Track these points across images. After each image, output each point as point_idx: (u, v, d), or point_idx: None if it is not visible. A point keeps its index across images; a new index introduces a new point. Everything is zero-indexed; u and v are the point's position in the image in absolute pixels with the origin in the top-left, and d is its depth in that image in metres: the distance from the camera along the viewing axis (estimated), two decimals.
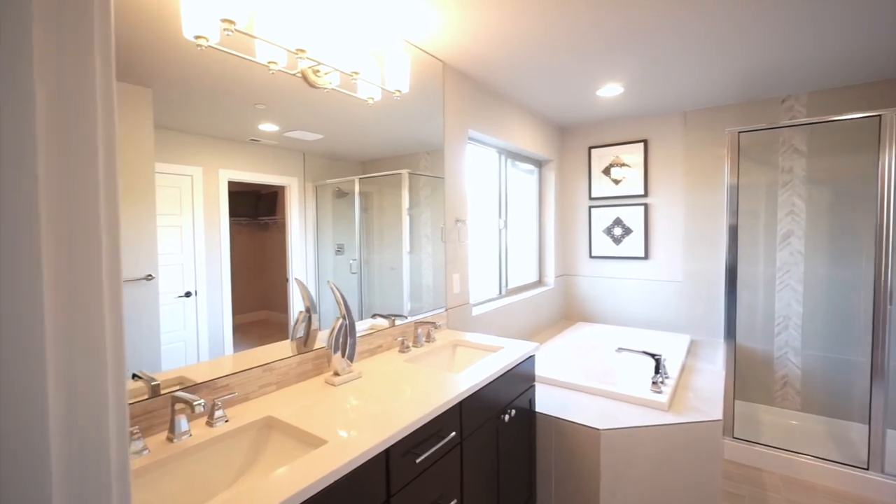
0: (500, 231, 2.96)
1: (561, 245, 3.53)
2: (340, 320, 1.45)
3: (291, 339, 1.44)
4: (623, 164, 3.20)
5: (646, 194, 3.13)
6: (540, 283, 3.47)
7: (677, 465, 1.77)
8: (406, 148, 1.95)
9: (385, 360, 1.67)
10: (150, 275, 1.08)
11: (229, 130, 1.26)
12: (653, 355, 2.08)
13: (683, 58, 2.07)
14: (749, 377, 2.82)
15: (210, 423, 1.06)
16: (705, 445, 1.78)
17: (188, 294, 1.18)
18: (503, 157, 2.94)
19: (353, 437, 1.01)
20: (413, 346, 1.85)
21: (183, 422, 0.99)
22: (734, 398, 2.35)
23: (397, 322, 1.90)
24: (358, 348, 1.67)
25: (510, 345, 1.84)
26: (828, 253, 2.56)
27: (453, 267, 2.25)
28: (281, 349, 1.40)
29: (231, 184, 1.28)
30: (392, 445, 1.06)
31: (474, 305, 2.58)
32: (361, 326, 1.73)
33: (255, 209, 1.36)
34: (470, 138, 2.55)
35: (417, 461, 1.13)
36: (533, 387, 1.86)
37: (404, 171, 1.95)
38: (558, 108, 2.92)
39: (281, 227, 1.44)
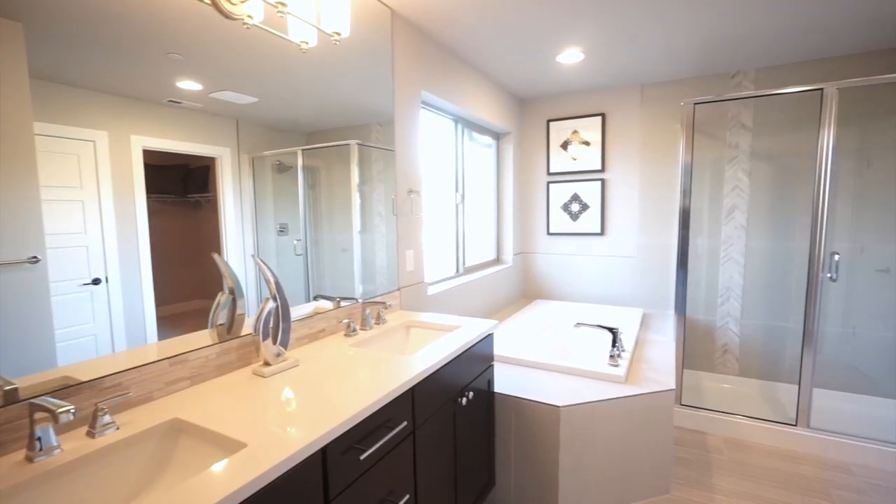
0: (456, 206, 2.82)
1: (519, 222, 3.45)
2: (270, 302, 1.26)
3: (211, 327, 1.23)
4: (582, 141, 3.14)
5: (603, 169, 3.10)
6: (498, 261, 3.39)
7: (634, 436, 1.77)
8: (355, 118, 1.75)
9: (328, 346, 1.50)
10: (34, 257, 0.86)
11: (140, 88, 1.04)
12: (610, 329, 2.06)
13: (643, 23, 1.99)
14: (693, 346, 2.93)
15: (91, 433, 0.85)
16: (659, 415, 1.79)
17: (96, 281, 0.98)
18: (460, 127, 2.77)
19: (280, 436, 0.85)
20: (361, 329, 1.69)
21: (50, 434, 0.77)
22: (682, 368, 2.41)
23: (343, 304, 1.72)
24: (295, 333, 1.49)
25: (467, 324, 1.73)
26: (767, 227, 2.67)
27: (406, 242, 2.08)
28: (198, 339, 1.18)
29: (150, 154, 1.08)
30: (330, 443, 0.91)
31: (430, 284, 2.44)
32: (303, 310, 1.54)
33: (183, 185, 1.17)
34: (424, 103, 2.36)
35: (362, 458, 0.99)
36: (491, 367, 1.77)
37: (352, 142, 1.76)
38: (518, 76, 2.78)
39: (214, 206, 1.24)
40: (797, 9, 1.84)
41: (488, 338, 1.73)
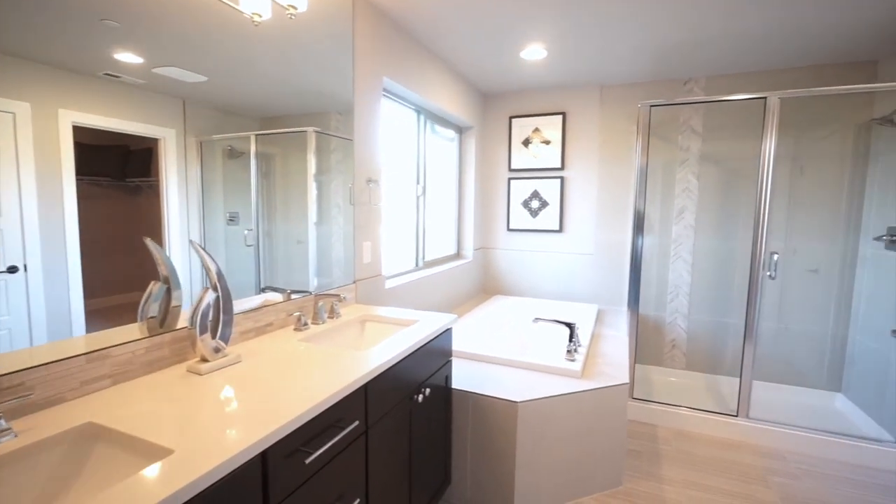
0: (417, 199, 2.75)
1: (480, 217, 3.44)
2: (209, 292, 1.15)
3: (140, 320, 1.10)
4: (543, 140, 3.17)
5: (563, 167, 3.15)
6: (458, 256, 3.36)
7: (589, 430, 1.79)
8: (314, 104, 1.66)
9: (275, 341, 1.40)
10: None
11: (70, 56, 0.92)
12: (567, 324, 2.08)
13: (603, 23, 2.02)
14: (644, 341, 3.04)
15: None
16: (614, 408, 1.82)
17: (13, 269, 0.86)
18: (422, 118, 2.71)
19: (214, 440, 0.76)
20: (313, 323, 1.59)
21: None
22: (635, 362, 2.49)
23: (295, 297, 1.62)
24: (239, 327, 1.37)
25: (425, 318, 1.67)
26: (714, 227, 2.81)
27: (364, 233, 2.00)
28: (127, 333, 1.05)
29: (84, 132, 0.96)
30: (271, 446, 0.83)
31: (388, 278, 2.36)
32: (250, 303, 1.43)
33: (121, 168, 1.07)
34: (386, 90, 2.28)
35: (308, 461, 0.91)
36: (449, 362, 1.73)
37: (310, 129, 1.66)
38: (482, 69, 2.75)
39: (157, 191, 1.14)
40: (744, 22, 1.94)
41: (447, 333, 1.68)
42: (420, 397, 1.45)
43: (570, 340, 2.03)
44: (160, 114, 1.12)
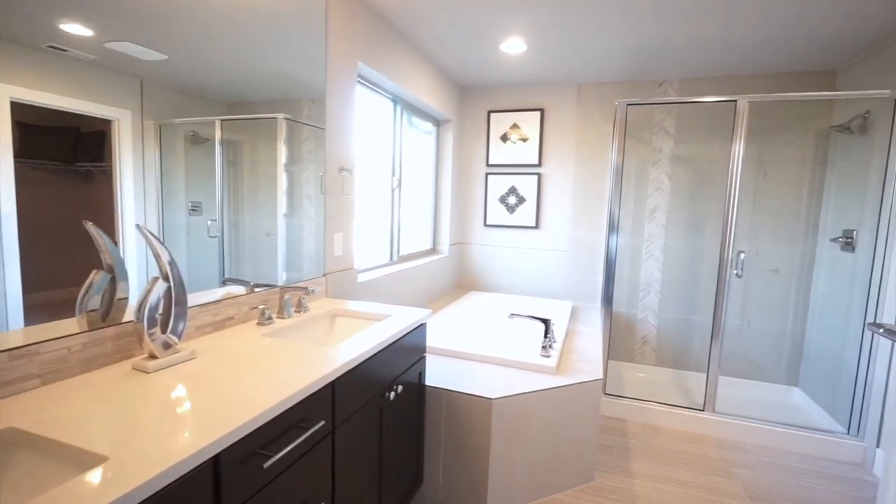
0: (392, 191, 2.67)
1: (457, 212, 3.40)
2: (159, 282, 1.05)
3: (80, 313, 0.99)
4: (521, 136, 3.16)
5: (540, 164, 3.14)
6: (434, 250, 3.31)
7: (563, 426, 1.78)
8: (285, 90, 1.57)
9: (236, 336, 1.31)
10: None
11: (8, 25, 0.82)
12: (543, 320, 2.06)
13: (583, 21, 2.01)
14: (616, 338, 3.08)
15: None
16: (587, 404, 1.82)
17: None
18: (399, 108, 2.63)
19: (157, 445, 0.68)
20: (278, 318, 1.51)
21: None
22: (608, 359, 2.51)
23: (259, 290, 1.53)
24: (195, 321, 1.27)
25: (398, 313, 1.61)
26: (684, 227, 2.87)
27: (335, 224, 1.91)
28: (61, 328, 0.95)
29: (26, 110, 0.87)
30: (225, 450, 0.75)
31: (361, 272, 2.28)
32: (209, 296, 1.33)
33: (71, 151, 0.98)
34: (361, 77, 2.19)
35: (267, 465, 0.84)
36: (423, 358, 1.67)
37: (280, 116, 1.57)
38: (461, 61, 2.70)
39: (110, 178, 1.05)
40: (713, 30, 1.97)
41: (420, 328, 1.63)
42: (392, 395, 1.39)
43: (546, 336, 2.01)
44: (114, 93, 1.03)
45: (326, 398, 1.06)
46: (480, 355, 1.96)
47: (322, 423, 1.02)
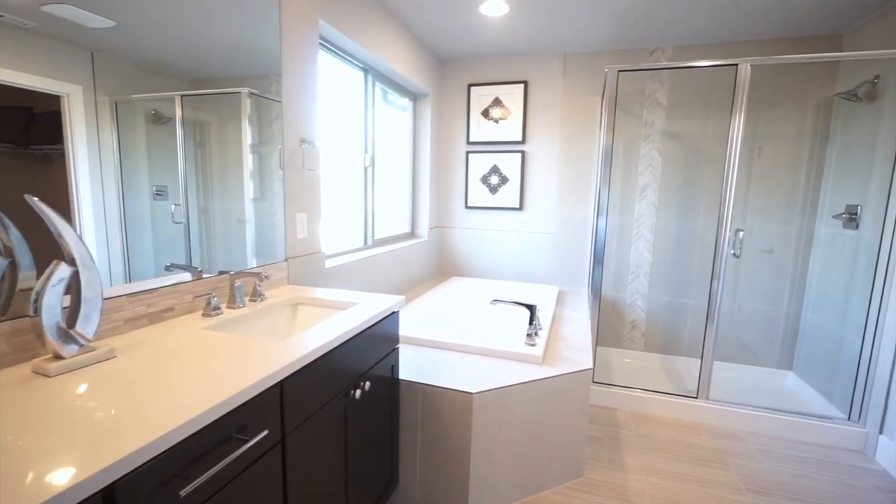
0: (365, 170, 2.47)
1: (436, 194, 3.21)
2: (62, 266, 0.85)
3: None
4: (504, 111, 2.96)
5: (524, 141, 2.96)
6: (413, 234, 3.12)
7: (550, 419, 1.64)
8: (249, 64, 1.44)
9: (174, 330, 1.12)
10: None
11: None
12: (528, 306, 1.91)
13: None
14: (604, 323, 2.97)
15: None
16: (576, 395, 1.68)
17: None
18: (370, 78, 2.41)
19: (30, 473, 0.50)
20: (228, 307, 1.32)
21: None
22: (596, 346, 2.38)
23: (209, 276, 1.33)
24: (123, 313, 1.08)
25: (367, 300, 1.44)
26: (676, 206, 2.74)
27: (297, 203, 1.71)
28: None
29: None
30: (123, 479, 0.57)
31: (330, 256, 2.09)
32: (146, 284, 1.13)
33: (24, 132, 0.90)
34: (325, 41, 1.96)
35: (185, 492, 0.66)
36: (396, 350, 1.51)
37: (244, 91, 1.43)
38: (438, 28, 2.48)
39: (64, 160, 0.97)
40: None
41: (392, 316, 1.45)
42: (358, 392, 1.22)
43: (531, 324, 1.86)
44: (61, 66, 0.93)
45: (273, 402, 0.89)
46: (461, 345, 1.80)
47: (265, 432, 0.84)
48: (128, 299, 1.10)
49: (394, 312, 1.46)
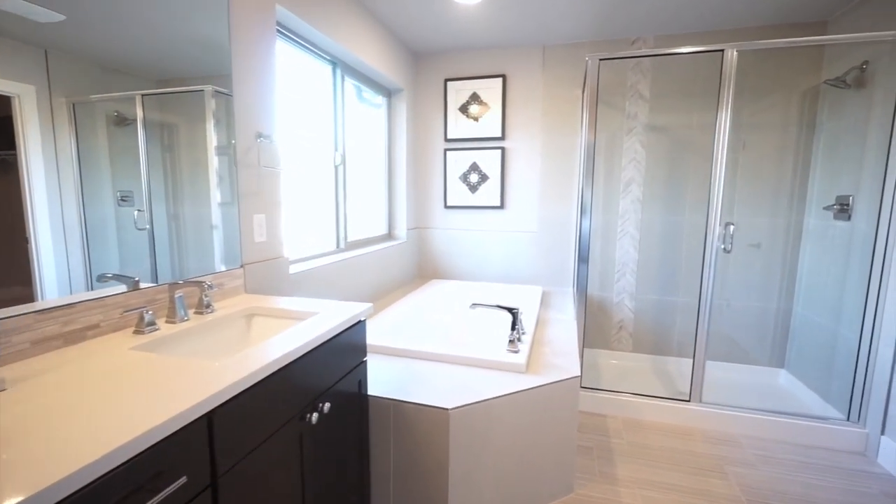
0: (336, 168, 2.32)
1: (414, 193, 3.07)
2: None
3: None
4: (482, 105, 2.84)
5: (503, 137, 2.84)
6: (390, 236, 2.97)
7: (535, 433, 1.51)
8: (214, 62, 1.36)
9: (94, 351, 0.96)
10: None
11: None
12: (509, 309, 1.78)
13: None
14: (590, 324, 2.86)
15: None
16: (564, 406, 1.55)
17: None
18: (339, 72, 2.26)
19: None
20: (168, 322, 1.16)
21: None
22: (583, 349, 2.27)
23: (147, 287, 1.17)
24: (31, 334, 0.91)
25: (329, 309, 1.29)
26: (662, 201, 2.65)
27: (254, 204, 1.55)
28: None
29: None
30: None
31: (295, 262, 1.93)
32: (68, 298, 0.96)
33: None
34: (287, 30, 1.81)
35: None
36: (364, 363, 1.36)
37: (208, 88, 1.35)
38: (410, 19, 2.35)
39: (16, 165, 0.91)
40: None
41: (359, 326, 1.31)
42: (314, 416, 1.06)
43: (513, 329, 1.73)
44: (11, 64, 0.87)
45: (198, 439, 0.73)
46: (438, 354, 1.66)
47: (183, 479, 0.69)
48: (35, 317, 0.93)
49: (360, 321, 1.32)
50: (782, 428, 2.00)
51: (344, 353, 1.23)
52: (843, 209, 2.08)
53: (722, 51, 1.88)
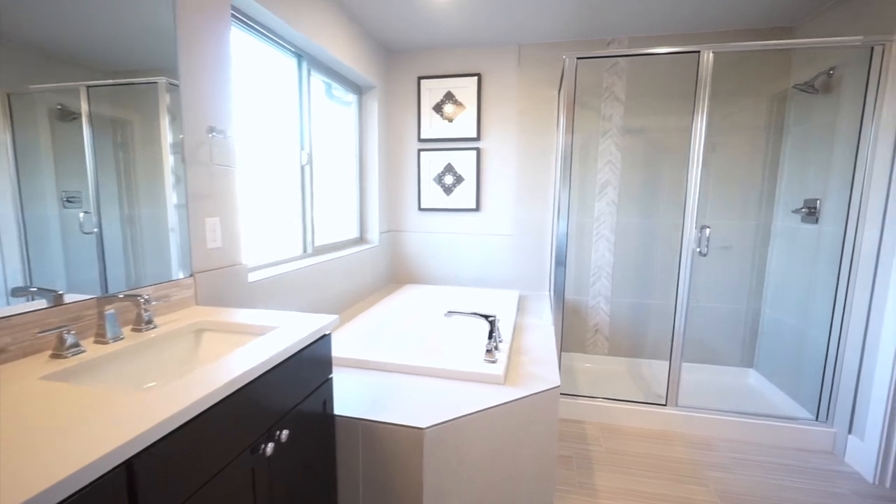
0: (302, 168, 2.17)
1: (387, 195, 2.95)
2: None
3: None
4: (457, 104, 2.76)
5: (479, 137, 2.77)
6: (362, 240, 2.84)
7: (515, 446, 1.43)
8: (169, 54, 1.25)
9: None
10: None
11: None
12: (486, 317, 1.70)
13: None
14: (565, 327, 2.82)
15: None
16: (543, 418, 1.48)
17: None
18: (305, 66, 2.12)
19: None
20: (97, 342, 1.01)
21: None
22: (560, 356, 2.21)
23: (72, 298, 1.02)
24: None
25: (289, 322, 1.17)
26: (636, 203, 2.64)
27: (206, 205, 1.40)
28: None
29: None
30: None
31: (256, 269, 1.78)
32: None
33: None
34: (245, 16, 1.66)
35: None
36: (329, 381, 1.24)
37: (161, 80, 1.23)
38: (383, 14, 2.23)
39: None
40: None
41: (323, 340, 1.19)
42: (269, 447, 0.94)
43: (490, 337, 1.65)
44: None
45: (114, 494, 0.60)
46: (412, 366, 1.56)
47: None
48: None
49: (325, 335, 1.20)
50: (755, 429, 2.01)
51: (307, 370, 1.11)
52: (811, 212, 2.11)
53: (698, 52, 1.87)
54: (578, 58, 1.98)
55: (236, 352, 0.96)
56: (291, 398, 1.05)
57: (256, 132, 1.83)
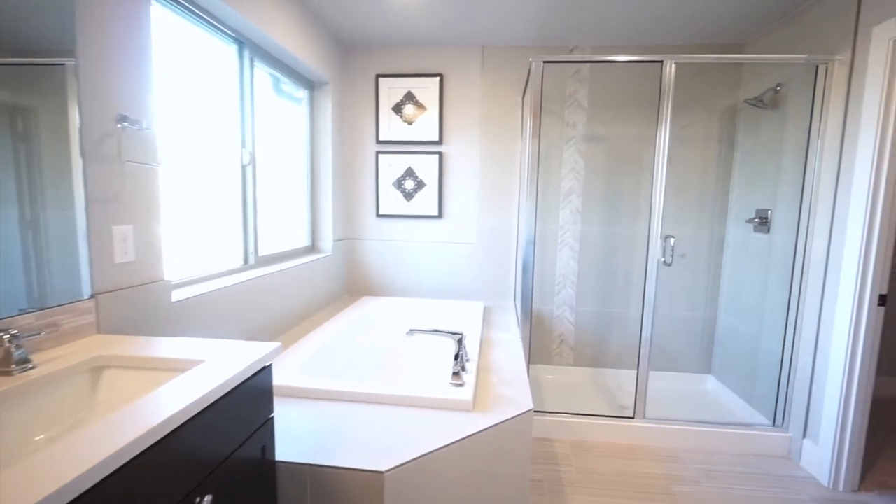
0: (243, 168, 1.93)
1: (341, 200, 2.74)
2: None
3: None
4: (417, 105, 2.62)
5: (441, 141, 2.64)
6: (313, 249, 2.61)
7: (485, 479, 1.29)
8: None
9: None
10: None
11: None
12: (453, 334, 1.56)
13: None
14: (532, 339, 2.74)
15: None
16: (516, 444, 1.35)
17: None
18: (247, 54, 1.89)
19: None
20: None
21: None
22: (529, 371, 2.12)
23: None
24: None
25: (219, 353, 0.96)
26: (600, 211, 2.62)
27: (113, 211, 1.16)
28: None
29: None
30: None
31: (182, 285, 1.53)
32: None
33: None
34: None
35: None
36: (270, 421, 1.04)
37: (70, 62, 1.02)
38: (337, 4, 2.05)
39: None
40: None
41: (263, 373, 0.99)
42: None
43: (457, 358, 1.51)
44: None
45: None
46: (369, 394, 1.38)
47: None
48: None
49: (265, 367, 1.00)
50: (717, 438, 2.01)
51: (241, 412, 0.91)
52: (762, 222, 2.17)
53: (661, 62, 1.85)
54: (545, 62, 1.91)
55: (150, 396, 0.75)
56: (220, 449, 0.85)
57: (189, 127, 1.58)
